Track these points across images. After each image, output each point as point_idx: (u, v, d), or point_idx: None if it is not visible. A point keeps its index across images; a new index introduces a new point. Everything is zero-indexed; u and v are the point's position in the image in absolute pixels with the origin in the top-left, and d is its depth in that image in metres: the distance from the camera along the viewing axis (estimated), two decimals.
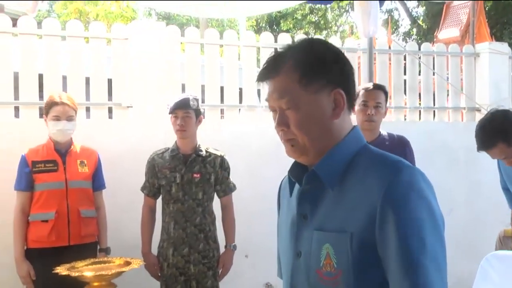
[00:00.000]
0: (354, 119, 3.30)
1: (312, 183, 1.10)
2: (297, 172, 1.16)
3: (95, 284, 2.40)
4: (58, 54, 3.63)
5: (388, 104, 3.36)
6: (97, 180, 3.04)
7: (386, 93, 2.90)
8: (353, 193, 1.05)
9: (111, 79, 3.78)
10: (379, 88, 2.90)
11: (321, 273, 1.06)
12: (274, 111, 1.12)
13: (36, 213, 2.85)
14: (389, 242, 0.97)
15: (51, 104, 2.85)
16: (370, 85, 2.94)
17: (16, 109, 3.56)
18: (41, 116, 2.95)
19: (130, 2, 10.52)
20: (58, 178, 2.86)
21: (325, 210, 1.10)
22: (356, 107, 2.78)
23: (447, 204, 4.01)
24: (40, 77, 3.52)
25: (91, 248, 2.96)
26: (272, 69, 1.10)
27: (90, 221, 2.96)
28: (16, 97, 3.51)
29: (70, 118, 2.87)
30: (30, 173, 2.84)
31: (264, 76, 1.11)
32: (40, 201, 2.85)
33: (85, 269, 2.50)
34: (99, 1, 10.85)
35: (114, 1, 10.70)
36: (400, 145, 2.90)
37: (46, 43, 3.59)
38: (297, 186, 1.15)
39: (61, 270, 2.43)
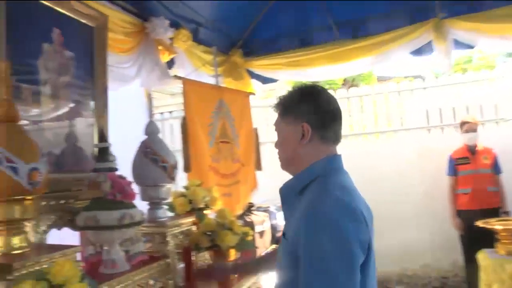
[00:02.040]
0: None
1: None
2: None
3: (503, 234, 3.58)
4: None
5: None
6: (496, 168, 4.77)
7: None
8: (298, 210, 1.31)
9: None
10: None
11: (278, 264, 1.41)
12: None
13: (459, 189, 4.81)
14: (301, 257, 1.20)
15: (463, 123, 4.85)
16: None
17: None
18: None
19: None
20: (470, 168, 4.75)
21: (289, 219, 1.41)
22: None
23: None
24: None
25: (495, 211, 4.59)
26: (274, 106, 1.48)
27: (494, 194, 4.66)
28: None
29: (474, 130, 4.77)
30: (454, 165, 4.88)
31: (274, 111, 1.49)
32: (461, 182, 4.80)
33: (495, 224, 3.69)
34: None
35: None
36: None
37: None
38: None
39: (479, 223, 3.76)
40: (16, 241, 1.58)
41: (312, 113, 1.37)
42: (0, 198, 1.51)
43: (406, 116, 6.05)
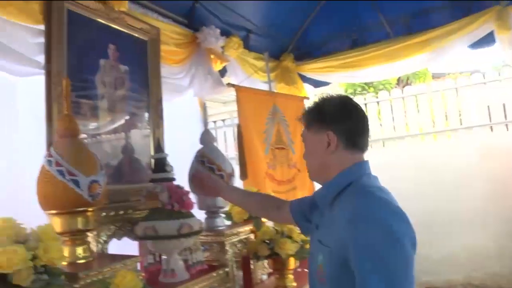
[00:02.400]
0: None
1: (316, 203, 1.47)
2: None
3: None
4: None
5: None
6: None
7: None
8: (336, 216, 1.30)
9: None
10: None
11: (318, 272, 1.35)
12: None
13: None
14: (352, 261, 1.18)
15: None
16: None
17: None
18: None
19: None
20: None
21: (323, 226, 1.40)
22: None
23: None
24: None
25: None
26: (301, 118, 1.50)
27: None
28: None
29: None
30: None
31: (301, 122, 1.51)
32: None
33: None
34: None
35: None
36: None
37: None
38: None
39: None
40: (80, 251, 1.64)
41: (336, 122, 1.38)
42: (64, 210, 1.56)
43: (465, 114, 5.76)
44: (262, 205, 1.94)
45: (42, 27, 1.95)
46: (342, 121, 1.38)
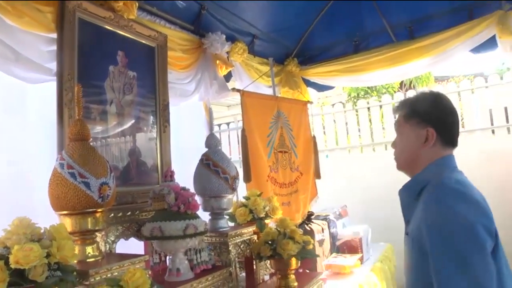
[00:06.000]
0: None
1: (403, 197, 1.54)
2: None
3: None
4: None
5: None
6: None
7: None
8: (418, 208, 1.39)
9: None
10: None
11: (406, 261, 1.46)
12: None
13: None
14: (427, 246, 1.27)
15: None
16: None
17: None
18: None
19: None
20: None
21: (412, 219, 1.46)
22: None
23: None
24: None
25: None
26: (398, 107, 1.57)
27: None
28: None
29: None
30: None
31: (395, 111, 1.60)
32: None
33: None
34: None
35: None
36: None
37: None
38: None
39: None
40: (89, 250, 1.71)
41: (438, 119, 1.45)
42: (75, 211, 1.63)
43: (467, 118, 5.76)
44: None
45: (54, 35, 2.03)
46: (442, 117, 1.46)
